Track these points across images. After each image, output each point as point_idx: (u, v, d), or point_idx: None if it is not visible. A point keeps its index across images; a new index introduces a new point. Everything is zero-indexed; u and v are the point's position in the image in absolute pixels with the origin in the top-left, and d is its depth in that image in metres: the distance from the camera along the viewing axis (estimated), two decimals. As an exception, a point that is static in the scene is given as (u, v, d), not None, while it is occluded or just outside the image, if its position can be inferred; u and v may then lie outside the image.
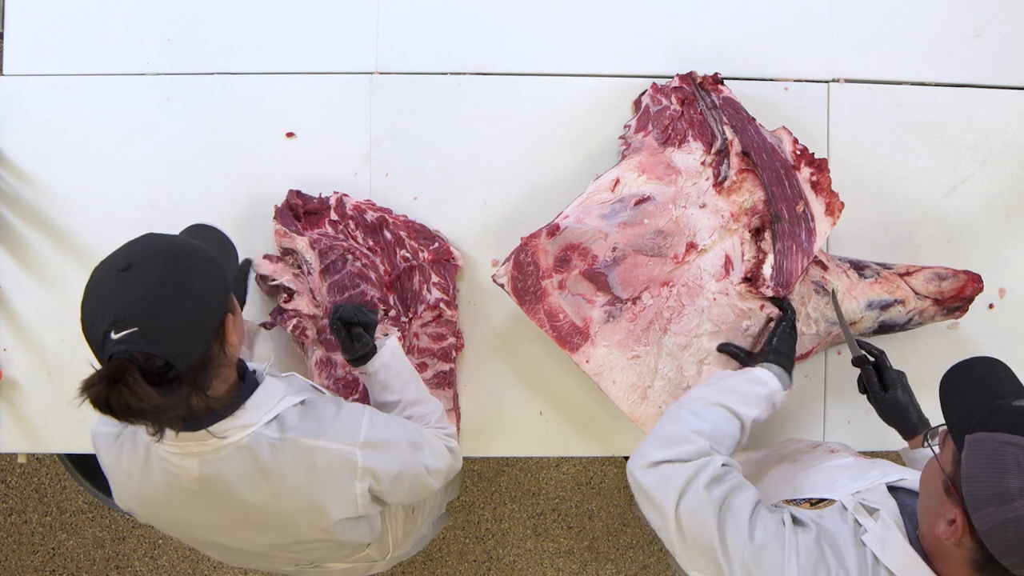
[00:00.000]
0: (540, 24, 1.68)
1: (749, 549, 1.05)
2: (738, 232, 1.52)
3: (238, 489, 1.16)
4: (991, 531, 0.88)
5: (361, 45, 1.67)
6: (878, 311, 1.57)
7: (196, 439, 1.12)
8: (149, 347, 0.97)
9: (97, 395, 0.95)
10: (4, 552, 2.60)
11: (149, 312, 0.98)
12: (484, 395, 1.64)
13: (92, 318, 1.00)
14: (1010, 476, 0.87)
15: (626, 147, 1.59)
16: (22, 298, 1.67)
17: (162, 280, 1.00)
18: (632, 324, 1.53)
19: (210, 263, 1.07)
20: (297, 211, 1.59)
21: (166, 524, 1.27)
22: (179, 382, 1.01)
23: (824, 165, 1.52)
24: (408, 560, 2.57)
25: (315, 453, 1.17)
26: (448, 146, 1.66)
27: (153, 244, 1.05)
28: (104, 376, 0.95)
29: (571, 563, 2.60)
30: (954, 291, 1.57)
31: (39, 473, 2.59)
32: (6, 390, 1.67)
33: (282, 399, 1.19)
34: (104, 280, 1.02)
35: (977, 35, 1.70)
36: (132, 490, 1.20)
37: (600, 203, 1.51)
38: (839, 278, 1.57)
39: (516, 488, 2.59)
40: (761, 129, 1.54)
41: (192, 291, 1.02)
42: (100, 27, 1.68)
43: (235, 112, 1.66)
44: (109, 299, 0.99)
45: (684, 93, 1.56)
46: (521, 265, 1.49)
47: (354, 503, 1.22)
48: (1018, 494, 0.86)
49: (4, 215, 1.67)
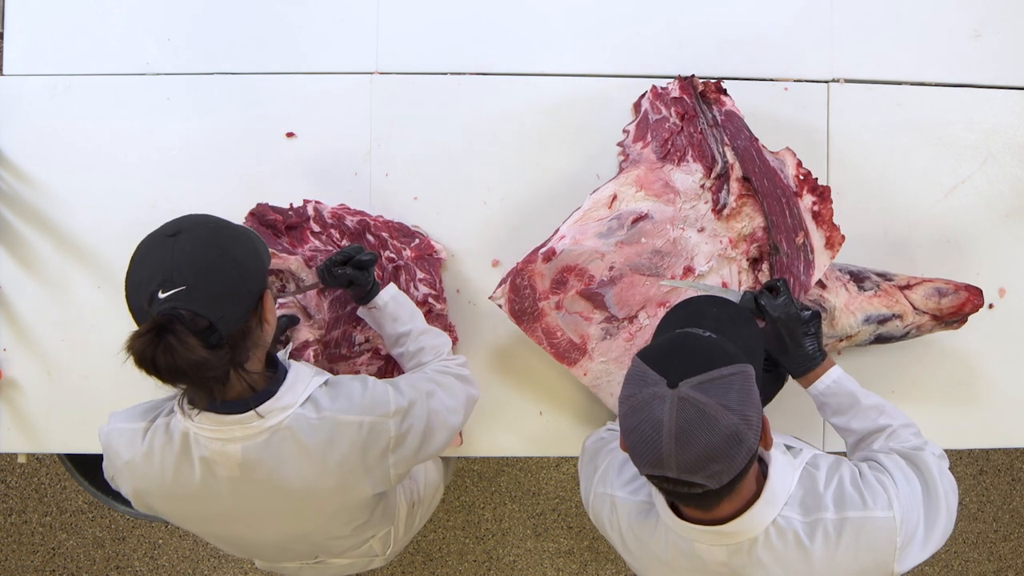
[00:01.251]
0: (540, 24, 1.68)
1: (593, 460, 1.34)
2: (736, 260, 1.51)
3: (280, 473, 1.17)
4: (620, 432, 1.05)
5: (361, 45, 1.67)
6: (875, 325, 1.56)
7: (241, 422, 1.13)
8: (195, 305, 1.02)
9: (144, 347, 0.98)
10: (4, 552, 2.60)
11: (197, 273, 1.04)
12: (484, 395, 1.64)
13: (139, 279, 1.05)
14: (623, 387, 1.05)
15: (624, 158, 1.59)
16: (22, 298, 1.67)
17: (209, 245, 1.07)
18: (629, 343, 1.53)
19: (251, 238, 1.15)
20: (277, 227, 1.56)
21: (189, 519, 1.26)
22: (220, 347, 1.04)
23: (827, 195, 1.50)
24: (408, 560, 2.57)
25: (354, 428, 1.19)
26: (448, 146, 1.66)
27: (199, 217, 1.12)
28: (152, 327, 0.98)
29: (571, 563, 2.60)
30: (953, 308, 1.56)
31: (39, 473, 2.59)
32: (6, 390, 1.67)
33: (312, 380, 1.21)
34: (153, 245, 1.08)
35: (977, 35, 1.70)
36: (161, 485, 1.19)
37: (597, 220, 1.50)
38: (837, 294, 1.55)
39: (516, 488, 2.59)
40: (764, 151, 1.51)
41: (236, 259, 1.08)
42: (100, 27, 1.68)
43: (235, 112, 1.66)
44: (158, 261, 1.05)
45: (685, 107, 1.53)
46: (518, 288, 1.50)
47: (387, 476, 1.25)
48: (620, 400, 1.05)
49: (4, 215, 1.67)
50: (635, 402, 1.02)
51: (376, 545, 1.47)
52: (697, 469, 0.97)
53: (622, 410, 1.04)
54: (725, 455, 0.97)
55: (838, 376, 1.34)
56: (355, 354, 1.57)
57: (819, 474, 1.15)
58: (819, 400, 1.36)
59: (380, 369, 1.59)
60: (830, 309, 1.55)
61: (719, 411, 0.97)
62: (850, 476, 1.15)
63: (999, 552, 2.63)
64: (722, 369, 1.00)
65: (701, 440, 0.96)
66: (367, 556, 1.51)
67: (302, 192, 1.64)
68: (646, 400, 1.00)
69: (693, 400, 0.97)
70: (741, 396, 0.99)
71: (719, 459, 0.97)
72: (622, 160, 1.60)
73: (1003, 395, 1.67)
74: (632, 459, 1.03)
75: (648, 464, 1.00)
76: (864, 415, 1.31)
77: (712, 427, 0.96)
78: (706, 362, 1.01)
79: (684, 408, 0.97)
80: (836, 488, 1.13)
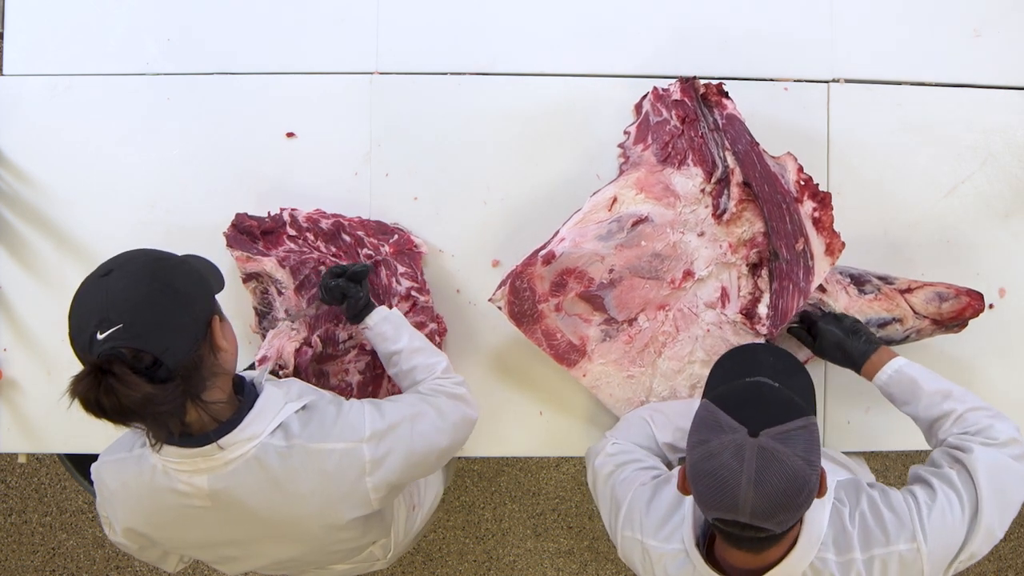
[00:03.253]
0: (540, 24, 1.68)
1: (613, 492, 1.33)
2: (736, 266, 1.51)
3: (251, 503, 1.16)
4: (690, 480, 1.07)
5: (361, 45, 1.67)
6: (875, 328, 1.55)
7: (204, 454, 1.11)
8: (135, 342, 0.99)
9: (86, 391, 0.95)
10: (4, 552, 2.60)
11: (132, 308, 1.00)
12: (484, 395, 1.64)
13: (78, 325, 1.02)
14: (693, 431, 1.08)
15: (625, 160, 1.59)
16: (22, 298, 1.66)
17: (142, 278, 1.03)
18: (628, 345, 1.53)
19: (189, 266, 1.10)
20: (253, 233, 1.57)
21: (178, 546, 1.26)
22: (170, 381, 1.01)
23: (828, 201, 1.49)
24: (408, 560, 2.57)
25: (323, 456, 1.17)
26: (448, 146, 1.66)
27: (133, 252, 1.09)
28: (91, 370, 0.96)
29: (571, 563, 2.60)
30: (954, 313, 1.56)
31: (39, 473, 2.59)
32: (6, 390, 1.67)
33: (284, 407, 1.18)
34: (87, 288, 1.05)
35: (977, 35, 1.70)
36: (143, 512, 1.19)
37: (597, 223, 1.50)
38: (837, 298, 1.55)
39: (516, 488, 2.59)
40: (765, 155, 1.51)
41: (173, 288, 1.05)
42: (100, 27, 1.68)
43: (235, 112, 1.66)
44: (93, 303, 1.02)
45: (686, 110, 1.52)
46: (517, 291, 1.50)
47: (367, 499, 1.22)
48: (690, 446, 1.07)
49: (4, 215, 1.67)
50: (711, 448, 1.04)
51: (376, 551, 1.46)
52: (770, 515, 1.00)
53: (695, 454, 1.06)
54: (796, 503, 1.01)
55: (900, 365, 1.38)
56: (341, 352, 1.57)
57: (845, 510, 1.19)
58: (885, 392, 1.40)
59: (368, 365, 1.59)
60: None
61: (795, 461, 1.01)
62: (870, 508, 1.19)
63: (999, 552, 2.62)
64: (797, 421, 1.04)
65: (778, 488, 1.00)
66: (368, 561, 1.50)
67: (302, 192, 1.64)
68: (724, 447, 1.03)
69: (772, 450, 1.01)
70: (809, 446, 1.03)
71: (791, 507, 1.01)
72: (622, 162, 1.60)
73: (1003, 395, 1.67)
74: (699, 501, 1.06)
75: (720, 508, 1.02)
76: (929, 402, 1.33)
77: (789, 477, 1.00)
78: (784, 413, 1.05)
79: (764, 457, 1.01)
80: (860, 525, 1.17)
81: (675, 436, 1.44)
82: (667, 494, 1.27)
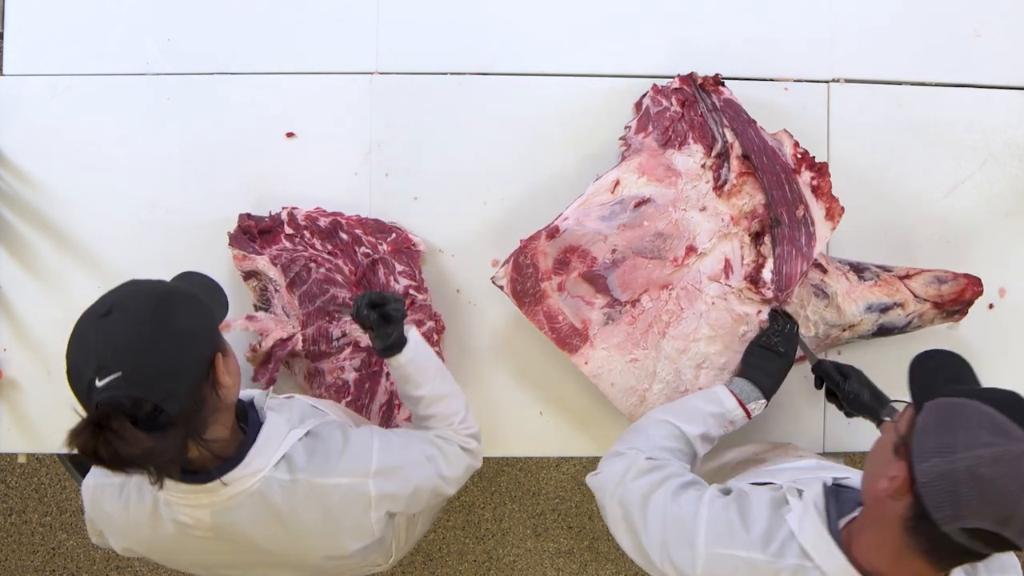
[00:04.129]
0: (540, 24, 1.68)
1: (666, 512, 1.18)
2: (738, 236, 1.52)
3: (253, 535, 1.15)
4: (930, 483, 0.92)
5: (361, 45, 1.67)
6: (877, 314, 1.57)
7: (207, 490, 1.10)
8: (135, 391, 0.95)
9: (85, 444, 0.92)
10: (4, 552, 2.60)
11: (132, 355, 0.96)
12: (484, 395, 1.64)
13: (76, 367, 0.98)
14: (959, 430, 0.92)
15: (626, 148, 1.59)
16: (22, 298, 1.66)
17: (144, 321, 0.98)
18: (631, 327, 1.53)
19: (193, 302, 1.06)
20: (251, 232, 1.58)
21: (180, 565, 1.26)
22: (172, 427, 0.97)
23: (825, 169, 1.52)
24: (408, 560, 2.57)
25: (328, 491, 1.15)
26: (448, 146, 1.66)
27: (133, 287, 1.05)
28: (90, 423, 0.92)
29: (571, 563, 2.60)
30: (954, 295, 1.57)
31: (39, 473, 2.59)
32: (6, 390, 1.67)
33: (287, 436, 1.16)
34: (85, 328, 1.00)
35: (977, 35, 1.70)
36: (141, 538, 1.18)
37: (600, 204, 1.51)
38: (838, 281, 1.56)
39: (516, 488, 2.59)
40: (762, 132, 1.53)
41: (175, 330, 1.00)
42: (100, 27, 1.68)
43: (235, 112, 1.66)
44: (91, 346, 0.98)
45: (685, 95, 1.55)
46: (520, 267, 1.49)
47: (370, 530, 1.21)
48: (962, 447, 0.90)
49: (4, 215, 1.67)
50: (1000, 453, 0.91)
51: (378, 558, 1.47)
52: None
53: (982, 454, 0.91)
54: None
55: None
56: (335, 350, 1.57)
57: None
58: None
59: (363, 363, 1.59)
60: (832, 294, 1.56)
61: None
62: None
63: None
64: None
65: None
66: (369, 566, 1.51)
67: (302, 192, 1.64)
68: (1017, 455, 0.91)
69: None
70: None
71: None
72: (624, 150, 1.60)
73: (1003, 395, 1.67)
74: (966, 506, 0.92)
75: (992, 521, 0.91)
76: None
77: None
78: None
79: None
80: None
81: (707, 425, 1.38)
82: (761, 509, 1.15)
